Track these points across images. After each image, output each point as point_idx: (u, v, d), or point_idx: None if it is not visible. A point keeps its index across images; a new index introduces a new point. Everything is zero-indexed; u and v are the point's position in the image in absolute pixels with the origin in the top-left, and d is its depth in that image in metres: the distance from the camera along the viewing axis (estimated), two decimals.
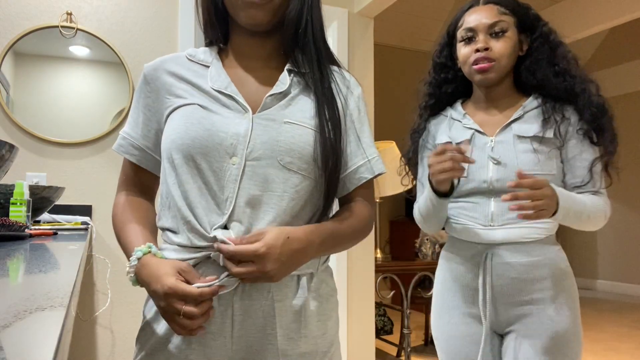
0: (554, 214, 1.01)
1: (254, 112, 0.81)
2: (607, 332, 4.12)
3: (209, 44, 0.92)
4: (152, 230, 0.86)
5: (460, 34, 1.20)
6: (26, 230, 1.15)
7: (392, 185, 2.91)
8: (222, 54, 0.90)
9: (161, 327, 0.81)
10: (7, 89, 2.09)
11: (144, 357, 0.82)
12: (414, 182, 1.35)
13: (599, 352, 3.52)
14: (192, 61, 0.87)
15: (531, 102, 1.18)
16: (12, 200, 1.24)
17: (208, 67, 0.86)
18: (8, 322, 0.38)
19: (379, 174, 0.87)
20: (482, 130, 1.19)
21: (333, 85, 0.86)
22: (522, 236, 1.11)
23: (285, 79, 0.84)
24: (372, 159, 0.87)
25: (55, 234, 1.28)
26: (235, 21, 0.85)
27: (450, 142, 1.22)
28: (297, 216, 0.80)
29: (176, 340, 0.79)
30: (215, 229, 0.76)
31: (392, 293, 3.41)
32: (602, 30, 4.93)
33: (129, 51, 2.28)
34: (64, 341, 0.36)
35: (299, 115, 0.81)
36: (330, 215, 0.86)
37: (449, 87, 1.30)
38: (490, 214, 1.14)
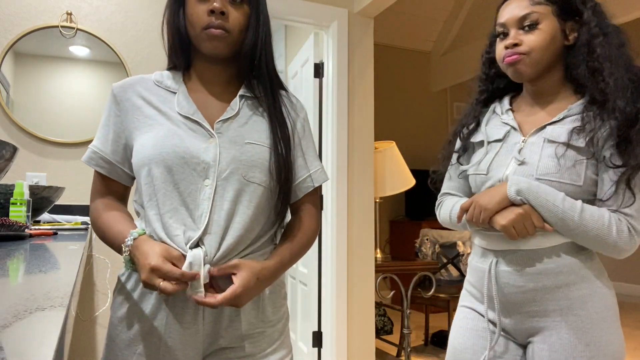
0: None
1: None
2: None
3: (172, 68, 1.01)
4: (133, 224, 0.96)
5: (496, 29, 1.13)
6: (26, 230, 1.14)
7: (392, 185, 2.91)
8: (185, 78, 1.00)
9: (138, 319, 0.89)
10: (7, 89, 2.09)
11: (122, 349, 0.89)
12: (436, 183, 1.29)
13: None
14: (159, 87, 0.97)
15: (578, 106, 1.06)
16: (12, 200, 1.24)
17: (174, 93, 0.96)
18: (8, 322, 0.38)
19: (322, 182, 1.03)
20: (517, 128, 1.12)
21: (283, 109, 1.01)
22: (534, 244, 1.04)
23: (235, 105, 0.97)
24: (315, 171, 1.03)
25: (55, 234, 1.28)
26: (198, 49, 0.95)
27: (482, 141, 1.17)
28: (258, 220, 0.94)
29: (156, 329, 0.88)
30: (190, 245, 0.86)
31: (392, 293, 3.41)
32: None
33: (129, 51, 2.28)
34: (64, 341, 0.36)
35: (256, 136, 0.95)
36: (286, 219, 1.01)
37: (501, 82, 1.23)
38: None
